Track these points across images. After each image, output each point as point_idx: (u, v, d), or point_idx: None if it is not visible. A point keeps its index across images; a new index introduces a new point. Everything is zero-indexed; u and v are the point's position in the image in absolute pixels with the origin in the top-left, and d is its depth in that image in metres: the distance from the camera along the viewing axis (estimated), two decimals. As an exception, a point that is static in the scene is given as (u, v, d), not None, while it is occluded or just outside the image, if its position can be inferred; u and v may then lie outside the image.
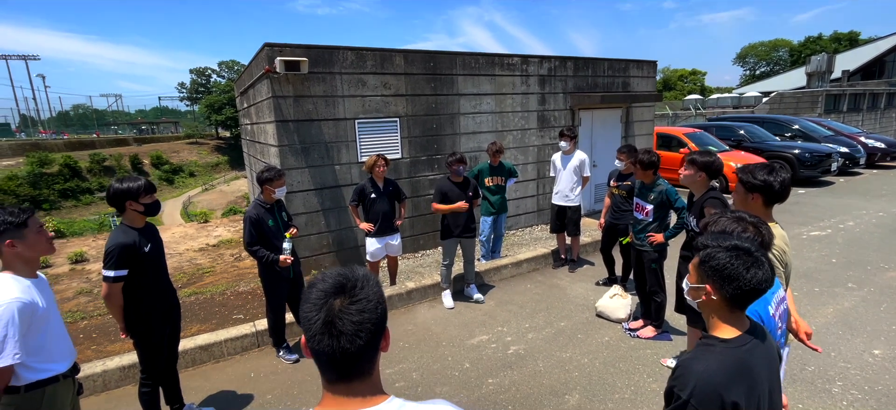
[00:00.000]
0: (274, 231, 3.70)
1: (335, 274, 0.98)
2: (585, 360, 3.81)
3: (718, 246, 1.39)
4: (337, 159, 6.14)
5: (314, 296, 0.94)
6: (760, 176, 2.31)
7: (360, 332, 0.90)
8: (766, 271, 1.33)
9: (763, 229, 1.84)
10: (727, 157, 9.97)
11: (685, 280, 1.55)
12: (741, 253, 1.35)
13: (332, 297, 0.93)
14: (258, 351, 4.04)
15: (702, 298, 1.43)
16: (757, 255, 1.34)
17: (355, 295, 0.93)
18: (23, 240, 1.92)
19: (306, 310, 0.94)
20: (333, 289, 0.94)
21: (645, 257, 4.06)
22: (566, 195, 5.69)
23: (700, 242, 1.46)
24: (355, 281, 0.96)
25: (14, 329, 1.80)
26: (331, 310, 0.91)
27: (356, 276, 0.97)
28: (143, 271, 2.69)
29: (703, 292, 1.42)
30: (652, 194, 3.97)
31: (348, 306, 0.91)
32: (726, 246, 1.38)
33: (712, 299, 1.40)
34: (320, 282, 0.98)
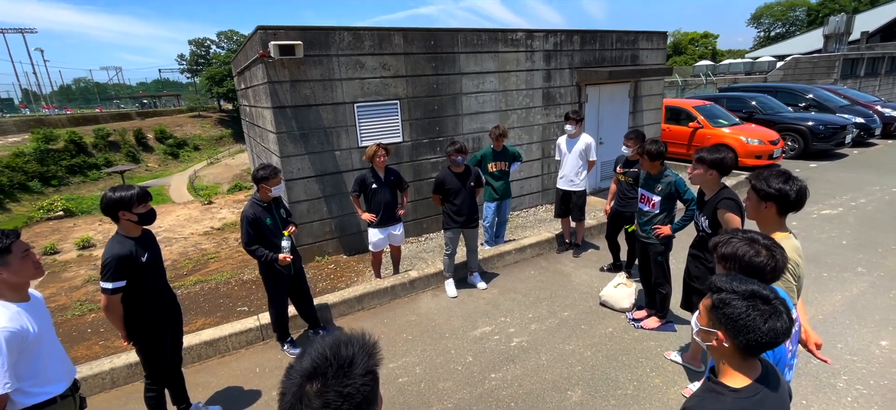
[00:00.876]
0: (272, 229, 3.66)
1: (318, 353, 0.93)
2: (588, 353, 3.81)
3: (734, 292, 1.31)
4: (337, 145, 6.04)
5: (292, 373, 0.92)
6: (775, 184, 2.20)
7: None
8: (785, 321, 1.25)
9: (777, 253, 1.75)
10: (738, 131, 9.74)
11: (694, 319, 1.48)
12: (759, 301, 1.27)
13: (307, 380, 0.90)
14: (263, 345, 4.08)
15: (712, 343, 1.37)
16: (776, 304, 1.27)
17: (328, 384, 0.88)
18: (7, 267, 1.88)
19: (282, 384, 0.92)
20: (309, 371, 0.91)
21: (650, 249, 3.98)
22: (571, 179, 5.58)
23: (714, 283, 1.38)
24: (338, 365, 0.91)
25: (3, 358, 1.79)
26: (299, 394, 0.88)
27: (341, 358, 0.92)
28: (142, 280, 2.68)
29: (713, 337, 1.35)
30: (659, 185, 3.86)
31: (316, 396, 0.87)
32: (743, 293, 1.30)
33: (724, 346, 1.33)
34: (301, 359, 0.94)
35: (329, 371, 0.89)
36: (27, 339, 1.91)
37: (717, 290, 1.36)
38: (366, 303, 4.68)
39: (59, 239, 7.73)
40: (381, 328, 4.31)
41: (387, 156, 4.56)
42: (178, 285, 5.26)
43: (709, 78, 22.90)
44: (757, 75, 21.86)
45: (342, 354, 0.93)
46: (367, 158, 4.60)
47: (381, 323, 4.41)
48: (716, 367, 1.43)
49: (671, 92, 20.10)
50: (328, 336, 1.00)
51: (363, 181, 4.64)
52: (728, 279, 1.37)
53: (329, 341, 0.96)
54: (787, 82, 17.30)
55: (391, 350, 3.94)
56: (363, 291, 4.66)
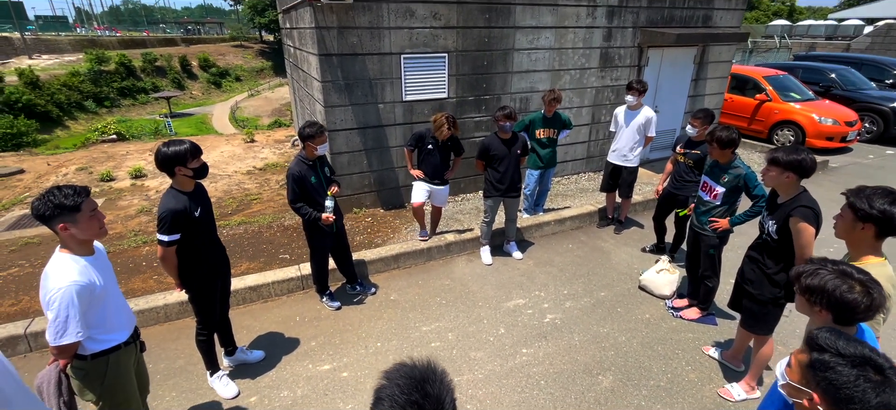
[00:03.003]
0: (316, 187, 3.67)
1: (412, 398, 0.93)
2: (623, 338, 3.75)
3: (841, 355, 1.17)
4: (381, 98, 5.91)
5: None
6: (879, 204, 1.96)
7: None
8: (891, 396, 1.12)
9: (874, 291, 1.58)
10: (810, 108, 8.92)
11: (782, 369, 1.36)
12: (871, 370, 1.13)
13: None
14: (303, 294, 4.23)
15: (803, 402, 1.25)
16: (889, 374, 1.12)
17: None
18: (75, 224, 1.95)
19: None
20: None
21: (703, 241, 3.77)
22: (625, 154, 5.29)
23: (815, 340, 1.24)
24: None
25: (74, 310, 1.90)
26: None
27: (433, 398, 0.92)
28: (195, 234, 2.75)
29: (805, 397, 1.24)
30: (726, 176, 3.58)
31: None
32: (852, 358, 1.16)
33: (809, 406, 1.22)
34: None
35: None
36: (95, 291, 2.01)
37: (818, 349, 1.23)
38: (401, 263, 4.73)
39: (113, 166, 8.13)
40: (416, 289, 4.36)
41: (452, 131, 4.45)
42: (224, 224, 5.46)
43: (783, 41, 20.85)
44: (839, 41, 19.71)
45: (431, 392, 0.91)
46: (433, 122, 4.47)
47: (415, 283, 4.46)
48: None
49: (737, 56, 18.51)
50: (406, 369, 0.99)
51: (421, 137, 4.59)
52: (833, 336, 1.22)
53: (415, 379, 0.95)
54: (874, 53, 15.54)
55: (425, 314, 4.00)
56: (399, 250, 4.70)
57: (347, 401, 3.08)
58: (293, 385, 3.20)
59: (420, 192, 4.74)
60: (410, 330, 3.79)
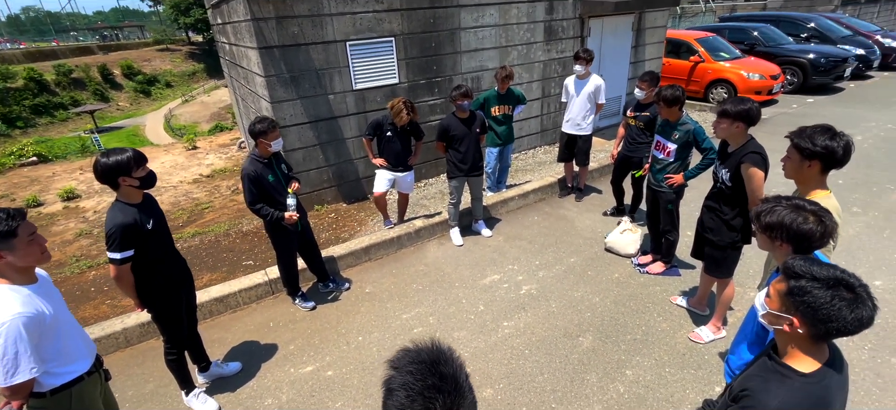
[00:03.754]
0: (275, 186, 3.50)
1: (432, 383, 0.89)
2: (596, 299, 3.89)
3: (815, 279, 1.25)
4: (330, 88, 5.71)
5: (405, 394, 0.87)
6: (821, 141, 2.12)
7: None
8: (870, 308, 1.21)
9: (826, 219, 1.71)
10: (739, 65, 9.55)
11: (761, 300, 1.44)
12: (843, 289, 1.22)
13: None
14: (273, 299, 4.06)
15: (783, 328, 1.33)
16: (860, 291, 1.22)
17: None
18: (13, 251, 1.74)
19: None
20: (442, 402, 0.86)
21: (661, 198, 3.96)
22: (578, 123, 5.43)
23: (791, 268, 1.32)
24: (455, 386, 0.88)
25: (24, 344, 1.71)
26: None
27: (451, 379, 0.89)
28: (150, 248, 2.55)
29: (785, 322, 1.32)
30: (676, 133, 3.76)
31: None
32: (825, 280, 1.24)
33: (798, 332, 1.30)
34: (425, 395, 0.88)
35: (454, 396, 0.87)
36: (44, 322, 1.82)
37: (794, 275, 1.31)
38: (372, 254, 4.64)
39: (39, 189, 7.39)
40: (390, 279, 4.31)
41: (411, 116, 4.35)
42: (177, 237, 5.11)
43: (708, 4, 22.11)
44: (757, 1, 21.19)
45: (444, 372, 0.89)
46: (391, 109, 4.35)
47: (389, 273, 4.40)
48: (780, 348, 1.41)
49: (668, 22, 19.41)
50: (414, 354, 0.94)
51: (379, 125, 4.46)
52: (807, 263, 1.31)
53: (427, 362, 0.91)
54: (788, 10, 16.81)
55: (403, 302, 3.96)
56: (369, 242, 4.61)
57: (336, 399, 3.00)
58: (277, 391, 3.08)
59: (381, 182, 4.65)
60: (390, 319, 3.74)
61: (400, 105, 4.29)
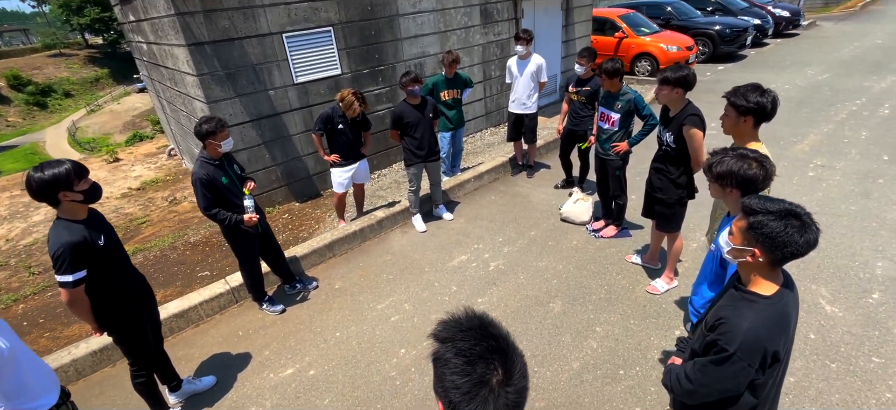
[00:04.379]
0: (230, 188, 3.33)
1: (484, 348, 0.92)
2: (560, 267, 4.11)
3: (769, 213, 1.45)
4: (270, 83, 5.46)
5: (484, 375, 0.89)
6: (753, 98, 2.39)
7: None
8: (815, 231, 1.42)
9: (766, 164, 1.95)
10: (658, 39, 10.30)
11: (725, 239, 1.63)
12: (793, 218, 1.42)
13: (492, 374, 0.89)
14: (237, 308, 3.88)
15: (747, 260, 1.52)
16: (805, 219, 1.42)
17: (511, 372, 0.89)
18: None
19: (470, 386, 0.88)
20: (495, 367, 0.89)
21: (609, 165, 4.24)
22: (523, 102, 5.62)
23: (748, 206, 1.51)
24: (508, 345, 0.92)
25: None
26: (496, 393, 0.87)
27: (502, 339, 0.93)
28: (105, 266, 2.35)
29: (748, 254, 1.51)
30: (619, 103, 4.02)
31: (507, 390, 0.87)
32: (777, 213, 1.43)
33: (759, 261, 1.49)
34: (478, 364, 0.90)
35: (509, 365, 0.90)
36: (3, 355, 1.64)
37: (752, 212, 1.49)
38: (336, 250, 4.56)
39: (-72, 222, 6.42)
40: (359, 272, 4.26)
41: (363, 107, 4.27)
42: (114, 258, 4.70)
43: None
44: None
45: (495, 333, 0.93)
46: (340, 100, 4.23)
47: (357, 266, 4.35)
48: (744, 279, 1.60)
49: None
50: (458, 322, 0.98)
51: (329, 118, 4.31)
52: (760, 201, 1.51)
53: (476, 327, 0.95)
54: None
55: (375, 293, 3.94)
56: (332, 238, 4.51)
57: (323, 397, 2.96)
58: (259, 399, 2.97)
59: (341, 181, 4.55)
60: (365, 311, 3.72)
61: (350, 97, 4.20)
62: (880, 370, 2.84)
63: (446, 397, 0.91)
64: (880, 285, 3.53)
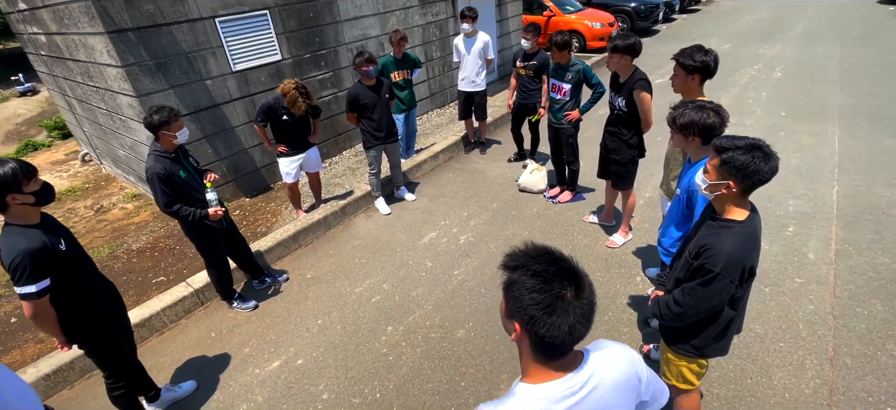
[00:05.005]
0: (189, 182, 3.12)
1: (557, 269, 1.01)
2: (526, 233, 4.34)
3: (737, 148, 1.68)
4: (206, 73, 5.09)
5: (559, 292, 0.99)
6: (698, 57, 2.68)
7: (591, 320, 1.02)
8: (776, 159, 1.67)
9: (722, 112, 2.23)
10: (583, 16, 10.89)
11: (700, 177, 1.85)
12: (757, 150, 1.66)
13: (566, 290, 0.98)
14: (204, 310, 3.66)
15: (723, 192, 1.75)
16: (767, 150, 1.67)
17: (581, 289, 0.99)
18: None
19: (547, 300, 0.98)
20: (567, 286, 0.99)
21: (562, 134, 4.49)
22: (473, 80, 5.75)
23: (719, 145, 1.73)
24: (573, 267, 1.02)
25: None
26: (570, 305, 0.97)
27: (568, 260, 1.03)
28: (69, 272, 2.13)
29: (723, 187, 1.74)
30: (569, 74, 4.26)
31: (577, 298, 0.98)
32: (744, 147, 1.67)
33: (733, 191, 1.72)
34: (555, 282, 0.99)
35: (579, 279, 0.99)
36: None
37: (723, 150, 1.72)
38: (302, 240, 4.43)
39: None
40: (329, 259, 4.18)
41: (308, 102, 4.04)
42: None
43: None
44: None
45: (562, 256, 1.05)
46: (282, 93, 4.01)
47: (326, 254, 4.26)
48: (719, 210, 1.84)
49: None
50: (529, 250, 1.06)
51: (271, 109, 4.10)
52: (729, 138, 1.74)
53: (544, 252, 1.04)
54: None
55: (350, 278, 3.91)
56: (296, 229, 4.37)
57: (316, 383, 2.92)
58: (249, 395, 2.86)
59: (290, 170, 4.36)
60: (344, 296, 3.68)
61: (293, 92, 3.94)
62: (802, 288, 3.36)
63: (525, 315, 1.01)
64: (793, 219, 4.14)
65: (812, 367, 2.75)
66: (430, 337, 3.22)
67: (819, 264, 3.58)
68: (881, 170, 4.84)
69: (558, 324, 0.98)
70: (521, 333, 1.05)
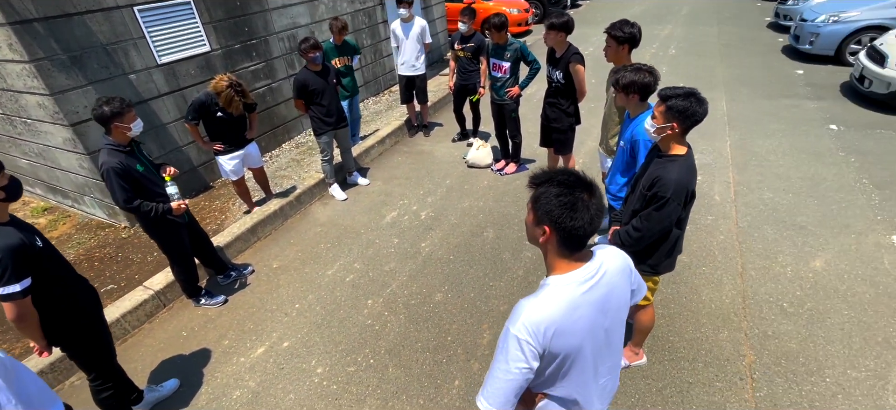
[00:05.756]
0: (147, 176, 2.99)
1: (575, 179, 1.28)
2: (481, 204, 4.65)
3: (678, 96, 2.08)
4: (129, 66, 4.72)
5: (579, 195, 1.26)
6: (626, 29, 3.13)
7: (602, 217, 1.32)
8: (707, 103, 2.10)
9: (655, 73, 2.68)
10: (501, 3, 11.45)
11: (649, 123, 2.24)
12: (693, 97, 2.07)
13: (583, 193, 1.25)
14: (168, 312, 3.49)
15: (668, 133, 2.16)
16: (700, 96, 2.09)
17: (594, 192, 1.28)
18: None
19: (581, 200, 1.24)
20: (584, 190, 1.26)
21: (505, 109, 4.85)
22: (412, 64, 5.91)
23: (664, 94, 2.13)
24: (592, 183, 1.30)
25: None
26: (588, 203, 1.25)
27: (589, 180, 1.31)
28: (47, 270, 2.02)
29: (669, 128, 2.14)
30: (508, 53, 4.61)
31: (594, 201, 1.27)
32: (683, 94, 2.08)
33: (675, 132, 2.13)
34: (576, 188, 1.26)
35: (589, 185, 1.28)
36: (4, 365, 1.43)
37: (667, 98, 2.12)
38: (260, 233, 4.34)
39: None
40: (293, 248, 4.17)
41: (244, 99, 3.83)
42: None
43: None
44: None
45: (572, 170, 1.32)
46: (216, 92, 3.78)
47: (288, 244, 4.23)
48: (664, 148, 2.25)
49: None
50: (552, 169, 1.32)
51: (204, 106, 3.84)
52: (670, 88, 2.15)
53: (562, 169, 1.32)
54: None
55: (320, 262, 3.94)
56: (253, 222, 4.28)
57: (308, 360, 2.98)
58: (239, 383, 2.85)
59: (232, 167, 4.17)
60: (317, 280, 3.72)
61: (228, 91, 3.72)
62: (713, 223, 4.04)
63: (551, 217, 1.28)
64: (700, 170, 4.87)
65: (728, 283, 3.37)
66: (410, 303, 3.40)
67: (723, 203, 4.31)
68: (759, 125, 5.85)
69: (581, 219, 1.26)
70: (550, 234, 1.31)
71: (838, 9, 7.98)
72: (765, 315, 3.04)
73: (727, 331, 2.94)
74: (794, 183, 4.49)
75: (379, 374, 2.85)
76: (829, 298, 3.12)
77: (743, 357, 2.76)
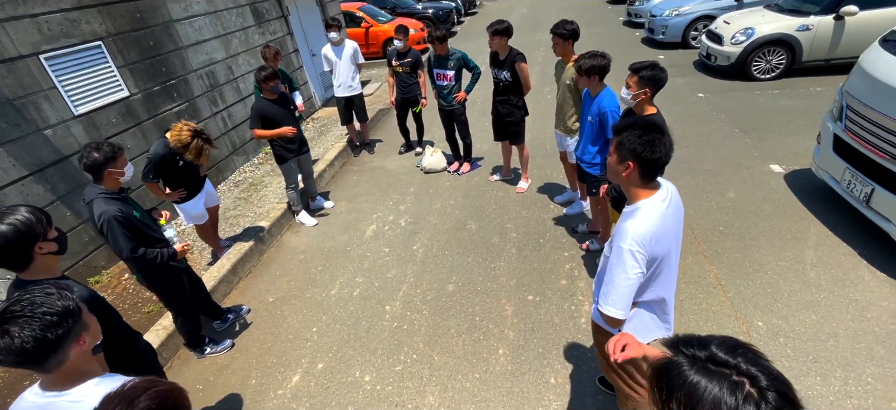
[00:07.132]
0: (145, 222, 2.78)
1: (650, 123, 1.69)
2: (452, 202, 4.96)
3: (645, 67, 2.67)
4: (42, 121, 4.17)
5: (660, 133, 1.65)
6: (569, 27, 3.74)
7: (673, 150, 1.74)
8: (667, 72, 2.72)
9: (608, 57, 3.30)
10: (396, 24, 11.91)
11: (625, 92, 2.80)
12: (657, 66, 2.68)
13: (658, 133, 1.67)
14: (168, 371, 3.17)
15: (642, 98, 2.73)
16: (663, 67, 2.70)
17: (665, 132, 1.70)
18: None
19: (657, 138, 1.64)
20: (658, 132, 1.67)
21: (455, 114, 5.25)
22: (349, 85, 6.02)
23: (637, 66, 2.71)
24: (664, 127, 1.72)
25: None
26: (663, 140, 1.67)
27: (657, 123, 1.72)
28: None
29: (642, 94, 2.72)
30: (451, 62, 5.03)
31: (666, 138, 1.69)
32: (649, 66, 2.68)
33: (647, 96, 2.72)
34: (653, 130, 1.66)
35: (664, 128, 1.70)
36: None
37: (640, 70, 2.70)
38: (240, 271, 4.11)
39: None
40: (283, 279, 4.04)
41: (210, 146, 3.56)
42: None
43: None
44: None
45: (646, 116, 1.73)
46: (179, 146, 3.42)
47: (276, 276, 4.09)
48: (638, 110, 2.83)
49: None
50: (627, 120, 1.72)
51: (164, 161, 3.50)
52: (640, 63, 2.74)
53: (640, 118, 1.72)
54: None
55: (320, 284, 3.90)
56: (230, 263, 4.04)
57: (353, 372, 2.99)
58: (293, 404, 2.76)
59: (200, 214, 3.94)
60: (324, 301, 3.69)
61: (197, 143, 3.43)
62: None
63: (635, 153, 1.65)
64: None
65: (673, 222, 4.14)
66: (427, 299, 3.58)
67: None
68: (648, 101, 7.07)
69: (660, 150, 1.66)
70: (633, 168, 1.69)
71: (676, 4, 9.94)
72: (711, 239, 3.84)
73: (690, 257, 3.66)
74: (693, 140, 5.59)
75: (428, 365, 3.00)
76: (748, 217, 4.05)
77: (708, 272, 3.48)
